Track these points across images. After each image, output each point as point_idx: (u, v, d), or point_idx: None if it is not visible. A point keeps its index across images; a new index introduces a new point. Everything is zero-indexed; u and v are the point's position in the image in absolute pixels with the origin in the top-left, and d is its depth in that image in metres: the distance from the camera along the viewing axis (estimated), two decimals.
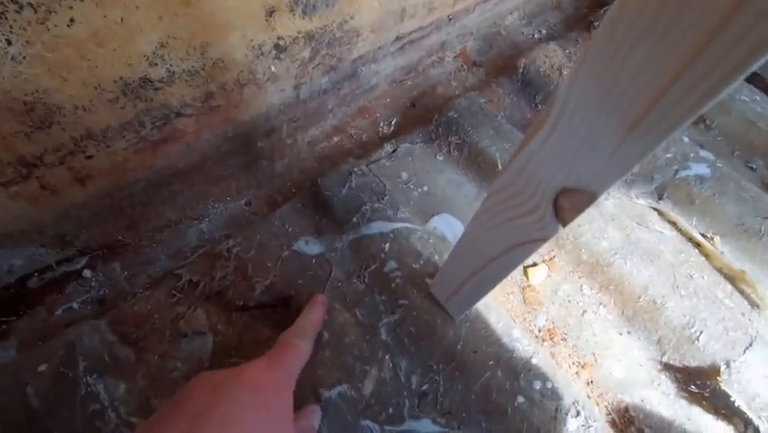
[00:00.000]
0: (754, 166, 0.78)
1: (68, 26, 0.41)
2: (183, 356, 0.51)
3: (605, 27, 0.21)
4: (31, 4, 0.38)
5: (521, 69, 0.83)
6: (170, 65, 0.50)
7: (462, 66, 0.89)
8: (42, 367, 0.45)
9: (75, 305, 0.56)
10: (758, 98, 0.85)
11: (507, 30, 0.96)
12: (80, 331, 0.49)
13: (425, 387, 0.52)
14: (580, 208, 0.25)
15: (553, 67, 0.81)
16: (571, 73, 0.24)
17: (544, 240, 0.30)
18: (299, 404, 0.44)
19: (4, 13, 0.36)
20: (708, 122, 0.84)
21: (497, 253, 0.35)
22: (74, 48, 0.42)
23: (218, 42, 0.53)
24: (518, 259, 0.34)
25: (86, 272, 0.58)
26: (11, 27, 0.37)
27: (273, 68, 0.62)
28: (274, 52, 0.60)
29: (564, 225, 0.27)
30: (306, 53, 0.64)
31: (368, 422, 0.49)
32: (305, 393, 0.48)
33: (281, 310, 0.55)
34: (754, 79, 0.93)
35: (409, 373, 0.52)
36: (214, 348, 0.52)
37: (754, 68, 0.19)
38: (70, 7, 0.40)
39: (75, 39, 0.42)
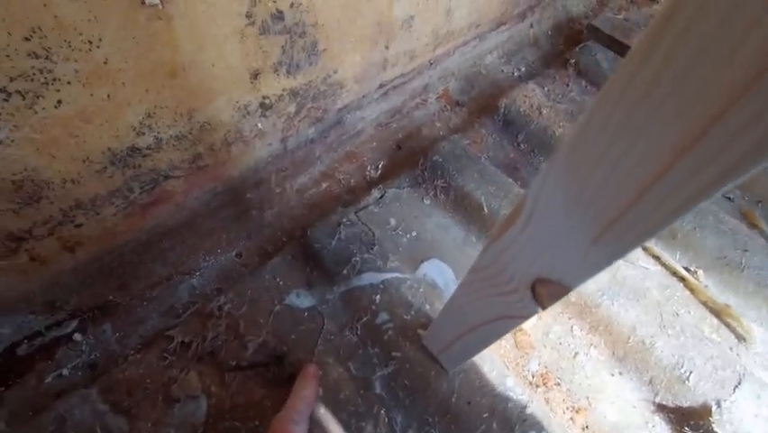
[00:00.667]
0: (732, 196, 0.80)
1: (56, 107, 0.41)
2: (176, 422, 0.50)
3: (578, 130, 0.21)
4: (19, 92, 0.38)
5: (502, 109, 0.85)
6: (158, 132, 0.51)
7: (445, 106, 0.92)
8: None
9: (65, 371, 0.55)
10: None
11: (488, 69, 0.99)
12: (70, 403, 0.48)
13: None
14: (556, 297, 0.26)
15: (532, 106, 0.84)
16: (544, 170, 0.24)
17: (527, 317, 0.30)
18: None
19: None
20: None
21: (482, 322, 0.36)
22: (62, 127, 0.43)
23: (204, 107, 0.54)
24: (504, 329, 0.35)
25: (77, 336, 0.58)
26: None
27: (260, 125, 0.63)
28: (260, 111, 0.61)
29: (544, 309, 0.28)
30: (292, 108, 0.66)
31: None
32: None
33: (274, 368, 0.55)
34: None
35: (405, 427, 0.52)
36: (208, 412, 0.52)
37: (736, 182, 0.17)
38: (57, 90, 0.41)
39: (62, 118, 0.42)
